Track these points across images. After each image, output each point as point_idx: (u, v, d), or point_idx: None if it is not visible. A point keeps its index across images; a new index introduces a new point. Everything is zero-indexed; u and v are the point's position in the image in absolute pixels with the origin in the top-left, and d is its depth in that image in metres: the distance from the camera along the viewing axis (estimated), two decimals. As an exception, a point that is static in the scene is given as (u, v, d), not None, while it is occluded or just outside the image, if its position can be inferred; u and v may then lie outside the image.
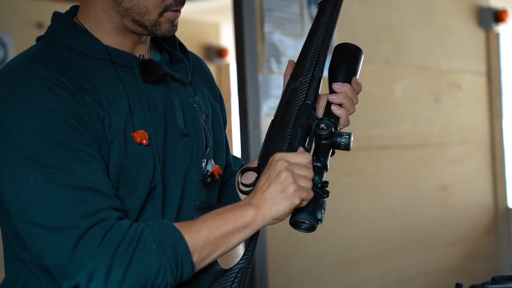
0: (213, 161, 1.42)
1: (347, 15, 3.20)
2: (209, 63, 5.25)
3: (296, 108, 1.32)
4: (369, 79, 3.30)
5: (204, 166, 1.39)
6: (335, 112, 1.33)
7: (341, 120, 1.34)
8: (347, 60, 1.39)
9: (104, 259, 1.14)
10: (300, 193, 1.21)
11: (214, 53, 5.42)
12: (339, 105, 1.34)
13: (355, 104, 1.37)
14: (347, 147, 1.31)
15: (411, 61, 3.63)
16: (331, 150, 1.31)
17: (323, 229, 1.89)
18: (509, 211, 4.13)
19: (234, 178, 1.54)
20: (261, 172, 1.28)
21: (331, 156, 1.32)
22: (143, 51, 1.36)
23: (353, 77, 1.38)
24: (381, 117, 3.45)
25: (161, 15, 1.30)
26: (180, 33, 1.39)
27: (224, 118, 1.53)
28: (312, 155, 1.29)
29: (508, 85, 4.18)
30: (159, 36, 1.33)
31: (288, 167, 1.22)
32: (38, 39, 1.34)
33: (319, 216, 1.24)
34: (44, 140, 1.17)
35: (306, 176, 1.23)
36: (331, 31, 1.37)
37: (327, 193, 1.25)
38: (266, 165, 1.27)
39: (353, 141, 1.31)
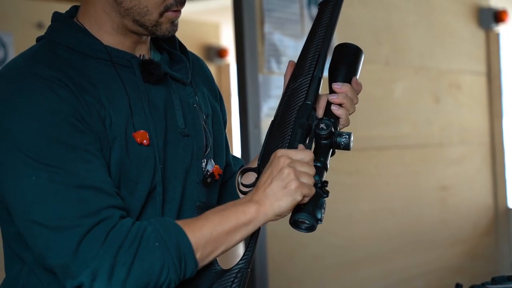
0: (213, 161, 1.42)
1: (347, 15, 3.20)
2: (209, 63, 5.25)
3: (296, 108, 1.32)
4: (369, 79, 3.30)
5: (204, 166, 1.39)
6: (335, 112, 1.33)
7: (341, 120, 1.34)
8: (347, 60, 1.38)
9: (107, 258, 1.14)
10: (302, 189, 1.21)
11: (214, 53, 5.42)
12: (339, 105, 1.34)
13: (355, 104, 1.37)
14: (347, 147, 1.31)
15: (411, 62, 3.63)
16: (331, 150, 1.31)
17: (323, 230, 1.89)
18: (509, 211, 4.12)
19: (234, 178, 1.54)
20: (261, 172, 1.28)
21: (331, 156, 1.32)
22: (144, 51, 1.36)
23: (353, 77, 1.38)
24: (381, 118, 3.44)
25: (161, 15, 1.30)
26: (180, 33, 1.39)
27: (224, 118, 1.53)
28: (312, 155, 1.29)
29: (508, 85, 4.18)
30: (159, 36, 1.32)
31: (290, 164, 1.22)
32: (38, 40, 1.34)
33: (319, 216, 1.24)
34: (45, 139, 1.17)
35: (308, 172, 1.23)
36: (331, 31, 1.37)
37: (327, 193, 1.25)
38: (266, 165, 1.26)
39: (353, 141, 1.31)
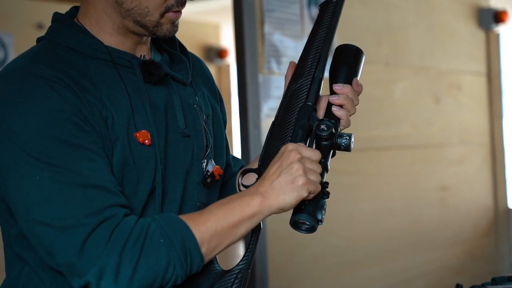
0: (213, 161, 1.42)
1: (348, 16, 3.20)
2: (209, 63, 5.25)
3: (296, 109, 1.32)
4: (370, 80, 3.30)
5: (204, 166, 1.39)
6: (335, 113, 1.33)
7: (342, 121, 1.34)
8: (348, 61, 1.38)
9: (112, 256, 1.14)
10: (308, 186, 1.21)
11: (214, 54, 5.43)
12: (339, 106, 1.34)
13: (356, 105, 1.37)
14: (347, 148, 1.31)
15: (411, 62, 3.63)
16: (332, 151, 1.31)
17: (323, 230, 1.89)
18: (509, 211, 4.12)
19: (234, 178, 1.55)
20: (261, 173, 1.28)
21: (331, 157, 1.32)
22: (144, 51, 1.37)
23: (354, 78, 1.38)
24: (381, 118, 3.44)
25: (162, 16, 1.30)
26: (180, 34, 1.39)
27: (224, 118, 1.53)
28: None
29: (508, 86, 4.18)
30: (160, 36, 1.32)
31: (300, 159, 1.22)
32: (38, 40, 1.34)
33: (319, 217, 1.24)
34: (48, 139, 1.17)
35: (315, 170, 1.24)
36: (332, 32, 1.37)
37: (327, 194, 1.25)
38: (266, 166, 1.27)
39: (353, 142, 1.31)
